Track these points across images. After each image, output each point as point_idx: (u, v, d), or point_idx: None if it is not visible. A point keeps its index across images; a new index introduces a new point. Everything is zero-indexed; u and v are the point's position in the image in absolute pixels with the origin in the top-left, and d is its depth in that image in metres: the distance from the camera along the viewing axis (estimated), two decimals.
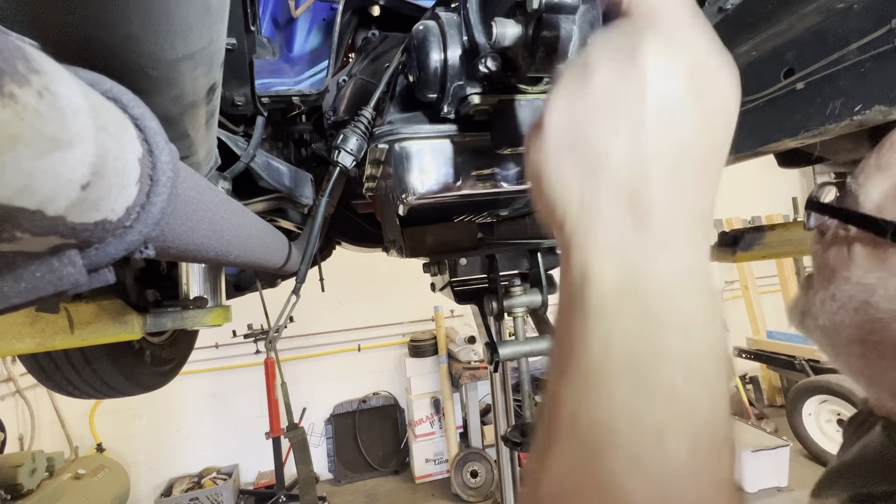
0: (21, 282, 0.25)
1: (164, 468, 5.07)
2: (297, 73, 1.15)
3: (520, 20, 0.77)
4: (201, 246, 0.42)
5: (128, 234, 0.29)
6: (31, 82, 0.18)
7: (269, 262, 0.89)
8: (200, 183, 0.43)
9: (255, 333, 4.53)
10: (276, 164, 1.20)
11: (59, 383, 1.68)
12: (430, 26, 0.88)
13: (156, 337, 1.88)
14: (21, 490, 3.09)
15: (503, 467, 3.27)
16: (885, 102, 0.85)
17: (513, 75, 0.88)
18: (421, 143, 0.97)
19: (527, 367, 1.26)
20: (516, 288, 1.18)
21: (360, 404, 5.54)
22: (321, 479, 5.27)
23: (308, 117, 1.44)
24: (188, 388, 5.06)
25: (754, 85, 1.07)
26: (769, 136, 1.06)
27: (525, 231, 1.17)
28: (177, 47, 0.44)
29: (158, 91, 0.49)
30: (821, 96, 0.95)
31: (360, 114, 0.98)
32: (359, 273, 5.26)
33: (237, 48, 0.82)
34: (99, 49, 0.39)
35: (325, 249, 2.32)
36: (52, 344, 1.06)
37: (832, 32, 0.91)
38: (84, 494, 3.52)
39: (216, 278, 1.35)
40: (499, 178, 1.02)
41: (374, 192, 1.23)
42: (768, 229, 1.24)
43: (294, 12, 1.14)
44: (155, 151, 0.30)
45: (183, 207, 0.35)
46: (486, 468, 4.82)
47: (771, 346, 4.92)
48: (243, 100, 0.99)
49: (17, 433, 4.26)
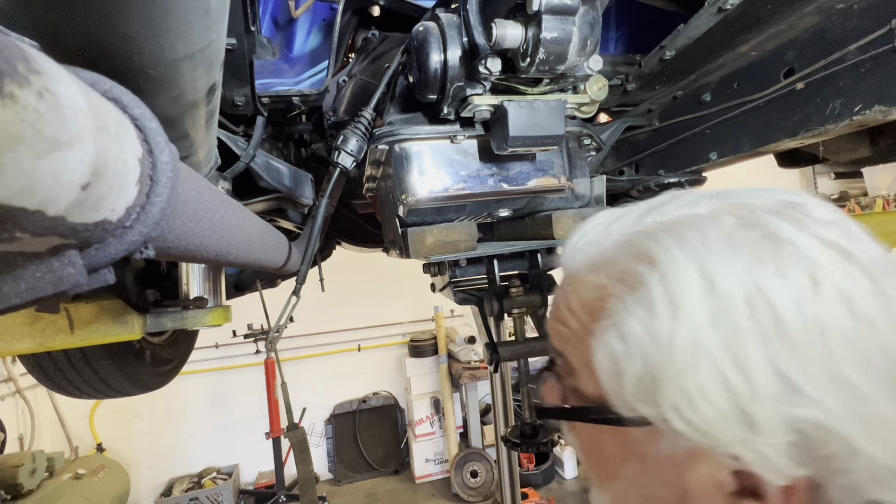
0: (21, 282, 0.25)
1: (164, 468, 5.06)
2: (297, 74, 1.15)
3: (520, 21, 0.77)
4: (201, 246, 0.42)
5: (128, 235, 0.29)
6: (31, 83, 0.18)
7: (269, 262, 0.89)
8: (200, 183, 0.43)
9: (255, 333, 4.53)
10: (276, 164, 1.20)
11: (59, 383, 1.68)
12: (430, 27, 0.88)
13: (156, 337, 1.88)
14: (21, 490, 3.09)
15: (503, 467, 3.26)
16: (885, 102, 0.85)
17: (513, 76, 0.88)
18: (421, 144, 0.97)
19: (526, 367, 1.26)
20: (516, 288, 1.18)
21: (360, 404, 5.54)
22: (321, 479, 5.27)
23: (308, 117, 1.44)
24: (188, 388, 5.06)
25: (754, 85, 1.07)
26: (769, 136, 1.06)
27: (525, 231, 1.17)
28: (177, 47, 0.44)
29: (158, 91, 0.49)
30: (821, 96, 0.95)
31: (360, 114, 0.98)
32: (359, 273, 5.26)
33: (237, 48, 0.82)
34: (99, 49, 0.39)
35: (325, 249, 2.32)
36: (52, 344, 1.06)
37: (832, 32, 0.91)
38: (84, 494, 3.52)
39: (216, 278, 1.35)
40: (499, 178, 1.02)
41: (374, 193, 1.23)
42: None
43: (294, 12, 1.14)
44: (155, 152, 0.30)
45: (183, 207, 0.35)
46: (486, 468, 4.81)
47: None
48: (243, 100, 0.99)
49: (17, 433, 4.26)
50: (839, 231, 0.37)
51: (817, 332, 0.33)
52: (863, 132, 1.31)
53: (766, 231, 0.37)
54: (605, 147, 1.29)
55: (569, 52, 0.75)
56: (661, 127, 1.33)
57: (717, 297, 0.35)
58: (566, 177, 1.03)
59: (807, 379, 0.33)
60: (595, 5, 0.76)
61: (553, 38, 0.72)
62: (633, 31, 1.31)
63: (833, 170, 2.33)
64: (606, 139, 1.31)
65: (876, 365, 0.33)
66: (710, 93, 1.17)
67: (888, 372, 0.33)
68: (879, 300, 0.34)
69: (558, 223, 1.03)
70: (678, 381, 0.35)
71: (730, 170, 1.36)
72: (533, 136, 0.86)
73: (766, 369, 0.33)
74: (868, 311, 0.34)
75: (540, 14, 0.71)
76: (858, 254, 0.36)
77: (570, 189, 1.04)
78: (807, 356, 0.33)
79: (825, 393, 0.33)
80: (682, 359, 0.35)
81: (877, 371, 0.33)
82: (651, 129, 1.36)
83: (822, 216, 0.38)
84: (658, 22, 1.20)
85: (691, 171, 1.30)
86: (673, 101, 1.29)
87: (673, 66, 1.10)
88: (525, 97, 0.88)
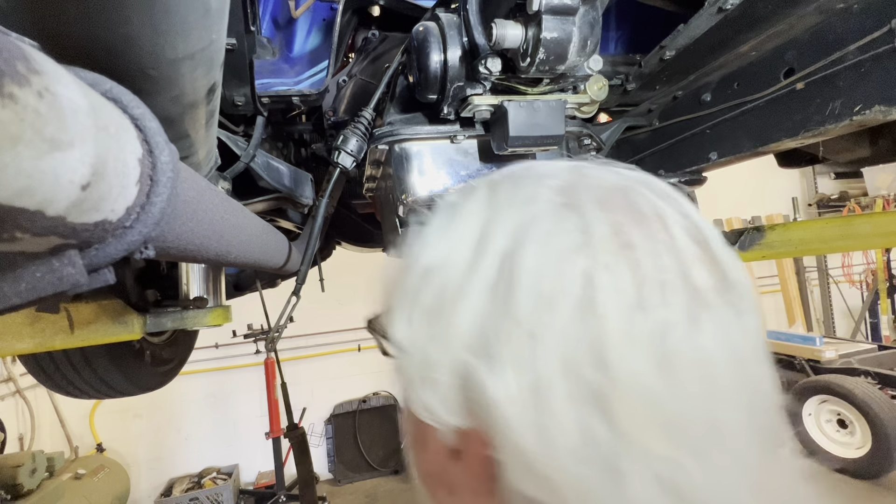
0: (21, 282, 0.25)
1: (164, 468, 5.06)
2: (297, 74, 1.15)
3: (520, 21, 0.77)
4: (201, 246, 0.42)
5: (128, 235, 0.29)
6: (31, 83, 0.18)
7: (269, 262, 0.89)
8: (200, 183, 0.43)
9: (255, 333, 4.53)
10: (276, 164, 1.20)
11: (59, 383, 1.68)
12: (430, 27, 0.88)
13: (156, 337, 1.88)
14: (21, 490, 3.09)
15: None
16: (885, 102, 0.85)
17: (513, 76, 0.88)
18: (421, 144, 0.97)
19: None
20: None
21: (360, 404, 5.53)
22: (321, 479, 5.27)
23: (308, 117, 1.44)
24: (188, 388, 5.06)
25: (754, 85, 1.07)
26: (769, 136, 1.06)
27: None
28: (177, 47, 0.44)
29: (158, 91, 0.49)
30: (821, 96, 0.95)
31: (360, 114, 0.98)
32: (359, 273, 5.25)
33: (237, 48, 0.82)
34: (99, 49, 0.39)
35: (325, 249, 2.32)
36: (52, 344, 1.06)
37: (832, 32, 0.91)
38: (84, 494, 3.52)
39: (216, 278, 1.35)
40: None
41: (374, 193, 1.23)
42: (768, 229, 1.24)
43: (294, 12, 1.14)
44: (155, 152, 0.30)
45: (183, 207, 0.35)
46: None
47: (771, 345, 4.89)
48: (243, 100, 0.99)
49: (17, 433, 4.26)
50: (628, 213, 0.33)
51: (547, 308, 0.30)
52: (863, 132, 1.30)
53: (570, 202, 0.34)
54: (605, 147, 1.29)
55: (569, 52, 0.75)
56: (662, 127, 1.33)
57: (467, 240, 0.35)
58: None
59: (501, 343, 0.31)
60: (595, 5, 0.76)
61: (553, 38, 0.72)
62: (633, 31, 1.31)
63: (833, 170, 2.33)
64: (606, 139, 1.31)
65: (575, 364, 0.29)
66: (710, 93, 1.17)
67: (587, 381, 0.29)
68: (639, 313, 0.30)
69: None
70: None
71: (730, 170, 1.36)
72: (533, 136, 0.86)
73: (469, 321, 0.32)
74: (609, 313, 0.30)
75: (540, 14, 0.71)
76: (637, 241, 0.31)
77: None
78: (514, 331, 0.30)
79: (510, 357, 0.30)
80: (411, 282, 0.36)
81: (574, 367, 0.29)
82: (651, 129, 1.36)
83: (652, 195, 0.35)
84: (658, 22, 1.20)
85: (691, 171, 1.30)
86: (673, 101, 1.29)
87: (673, 66, 1.10)
88: (525, 97, 0.88)
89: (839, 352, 4.45)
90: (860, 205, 5.85)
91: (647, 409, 0.29)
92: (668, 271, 0.31)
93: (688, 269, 0.31)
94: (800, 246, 1.18)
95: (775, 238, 1.22)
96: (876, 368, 4.11)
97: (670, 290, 0.30)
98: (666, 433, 0.29)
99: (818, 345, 4.51)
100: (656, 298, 0.30)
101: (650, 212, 0.33)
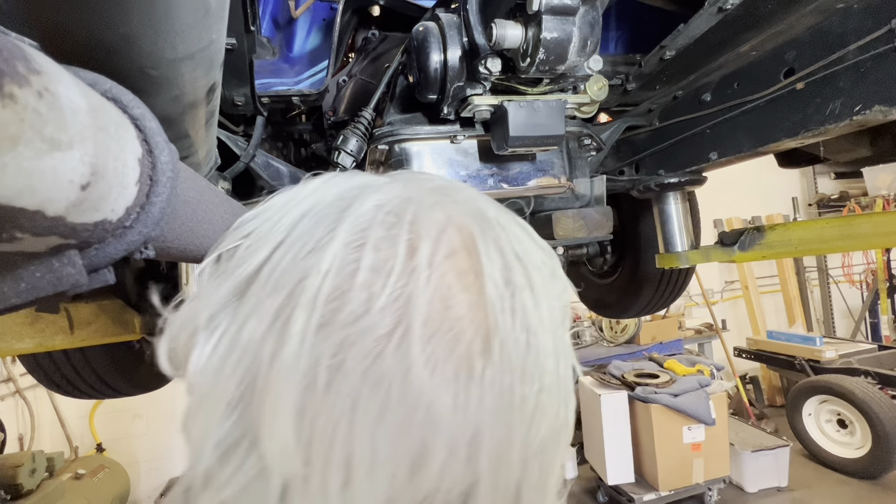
0: (21, 282, 0.25)
1: (164, 468, 5.06)
2: (297, 73, 1.15)
3: (520, 21, 0.77)
4: (201, 246, 0.42)
5: (128, 235, 0.29)
6: (31, 82, 0.18)
7: None
8: (200, 183, 0.43)
9: None
10: (275, 164, 1.20)
11: (59, 383, 1.68)
12: (430, 27, 0.88)
13: None
14: (21, 490, 3.09)
15: None
16: (885, 102, 0.85)
17: (513, 77, 0.88)
18: (421, 145, 0.97)
19: None
20: None
21: None
22: None
23: (308, 117, 1.44)
24: None
25: (754, 85, 1.07)
26: (769, 136, 1.06)
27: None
28: (177, 47, 0.44)
29: (158, 91, 0.49)
30: (821, 96, 0.95)
31: (360, 114, 0.98)
32: None
33: (237, 48, 0.82)
34: (99, 49, 0.39)
35: None
36: (52, 344, 1.06)
37: (832, 32, 0.91)
38: (84, 494, 3.52)
39: None
40: (499, 178, 1.02)
41: None
42: (768, 229, 1.24)
43: (294, 12, 1.14)
44: (155, 152, 0.30)
45: (183, 207, 0.35)
46: None
47: (771, 346, 4.92)
48: (243, 100, 0.99)
49: (17, 433, 4.26)
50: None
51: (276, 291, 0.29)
52: (863, 132, 1.30)
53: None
54: (605, 147, 1.29)
55: (569, 52, 0.75)
56: (662, 127, 1.32)
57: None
58: (566, 177, 1.03)
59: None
60: (595, 5, 0.76)
61: (553, 38, 0.72)
62: (633, 31, 1.31)
63: (833, 170, 2.33)
64: (606, 139, 1.31)
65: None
66: (711, 93, 1.17)
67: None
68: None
69: (558, 223, 1.03)
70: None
71: (730, 170, 1.36)
72: (533, 137, 0.86)
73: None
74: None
75: (540, 14, 0.71)
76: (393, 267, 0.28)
77: (571, 189, 1.04)
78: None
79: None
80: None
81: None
82: (651, 128, 1.36)
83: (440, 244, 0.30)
84: (658, 22, 1.20)
85: (691, 171, 1.30)
86: (673, 101, 1.29)
87: (673, 66, 1.10)
88: (525, 97, 0.88)
89: (839, 352, 4.45)
90: (860, 205, 5.85)
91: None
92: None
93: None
94: (800, 246, 1.18)
95: (775, 238, 1.22)
96: (876, 368, 4.11)
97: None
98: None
99: (818, 345, 4.51)
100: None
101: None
